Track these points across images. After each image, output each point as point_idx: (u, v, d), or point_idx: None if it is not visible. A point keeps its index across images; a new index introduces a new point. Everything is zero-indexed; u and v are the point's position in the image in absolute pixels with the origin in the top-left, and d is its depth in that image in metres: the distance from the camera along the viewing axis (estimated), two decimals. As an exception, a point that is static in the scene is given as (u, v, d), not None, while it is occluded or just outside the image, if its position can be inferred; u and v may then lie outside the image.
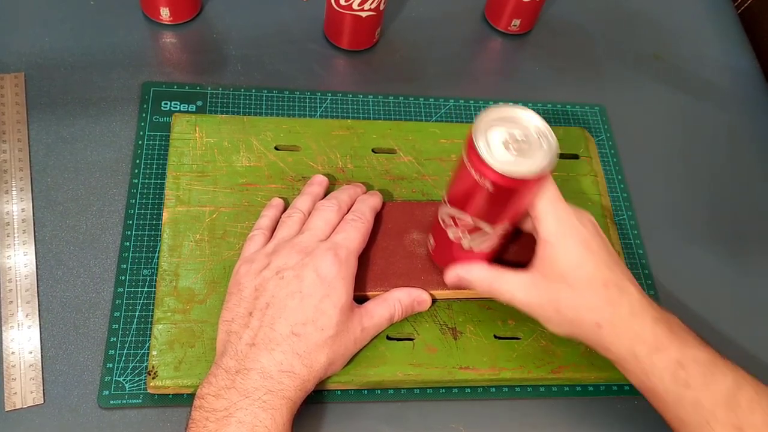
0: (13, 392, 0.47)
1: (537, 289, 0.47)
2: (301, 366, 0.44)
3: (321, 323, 0.46)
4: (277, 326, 0.45)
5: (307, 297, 0.46)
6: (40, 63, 0.62)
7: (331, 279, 0.47)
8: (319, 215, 0.51)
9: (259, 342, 0.44)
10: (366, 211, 0.52)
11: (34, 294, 0.51)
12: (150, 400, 0.48)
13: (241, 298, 0.47)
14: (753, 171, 0.70)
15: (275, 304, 0.46)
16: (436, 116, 0.66)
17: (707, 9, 0.82)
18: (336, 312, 0.46)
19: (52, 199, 0.55)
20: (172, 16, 0.66)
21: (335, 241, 0.49)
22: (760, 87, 0.76)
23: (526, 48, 0.73)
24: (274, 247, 0.49)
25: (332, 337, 0.46)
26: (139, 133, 0.59)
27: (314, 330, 0.45)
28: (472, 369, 0.51)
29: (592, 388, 0.54)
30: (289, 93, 0.65)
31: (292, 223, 0.51)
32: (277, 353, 0.44)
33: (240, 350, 0.44)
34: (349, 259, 0.48)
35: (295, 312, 0.45)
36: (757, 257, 0.64)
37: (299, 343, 0.45)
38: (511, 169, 0.41)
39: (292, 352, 0.44)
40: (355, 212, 0.52)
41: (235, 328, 0.46)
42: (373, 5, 0.63)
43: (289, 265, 0.47)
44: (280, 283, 0.46)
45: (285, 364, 0.44)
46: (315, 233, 0.50)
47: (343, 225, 0.50)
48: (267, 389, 0.43)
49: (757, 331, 0.59)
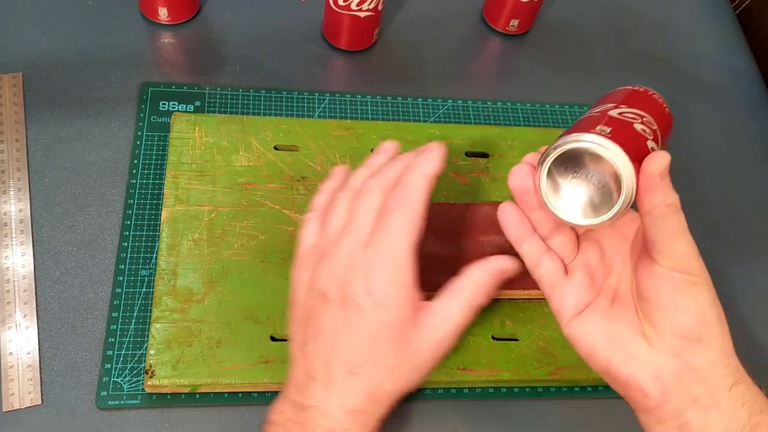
0: (10, 393, 0.47)
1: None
2: (364, 402, 0.40)
3: (380, 358, 0.40)
4: (333, 366, 0.40)
5: (358, 333, 0.39)
6: (38, 63, 0.62)
7: (379, 301, 0.39)
8: (359, 205, 0.42)
9: (318, 376, 0.40)
10: (414, 188, 0.41)
11: (32, 294, 0.51)
12: (148, 401, 0.48)
13: (295, 318, 0.43)
14: (751, 171, 0.70)
15: (325, 340, 0.40)
16: (435, 116, 0.66)
17: (705, 10, 0.82)
18: (395, 338, 0.39)
19: (50, 199, 0.55)
20: (170, 16, 0.66)
21: (376, 248, 0.40)
22: (757, 87, 0.76)
23: (524, 48, 0.73)
24: (320, 254, 0.42)
25: (394, 366, 0.40)
26: (137, 134, 0.59)
27: (373, 367, 0.40)
28: (470, 370, 0.51)
29: (591, 389, 0.54)
30: (287, 93, 0.65)
31: (340, 212, 0.43)
32: (336, 393, 0.40)
33: (301, 382, 0.41)
34: (397, 265, 0.40)
35: (347, 350, 0.40)
36: (756, 257, 0.64)
37: (359, 382, 0.40)
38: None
39: (354, 391, 0.40)
40: (400, 191, 0.41)
41: (296, 353, 0.42)
42: (372, 5, 0.63)
43: (331, 288, 0.40)
44: (328, 310, 0.40)
45: (348, 405, 0.39)
46: (356, 232, 0.41)
47: (385, 216, 0.41)
48: (329, 428, 0.39)
49: (757, 331, 0.59)
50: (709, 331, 0.37)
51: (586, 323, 0.41)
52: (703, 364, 0.37)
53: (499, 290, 0.52)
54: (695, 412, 0.37)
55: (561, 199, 0.38)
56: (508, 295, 0.54)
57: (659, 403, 0.38)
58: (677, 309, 0.37)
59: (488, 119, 0.66)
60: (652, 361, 0.38)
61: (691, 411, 0.37)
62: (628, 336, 0.39)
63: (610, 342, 0.39)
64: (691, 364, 0.37)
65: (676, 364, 0.37)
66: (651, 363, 0.38)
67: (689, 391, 0.37)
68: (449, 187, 0.59)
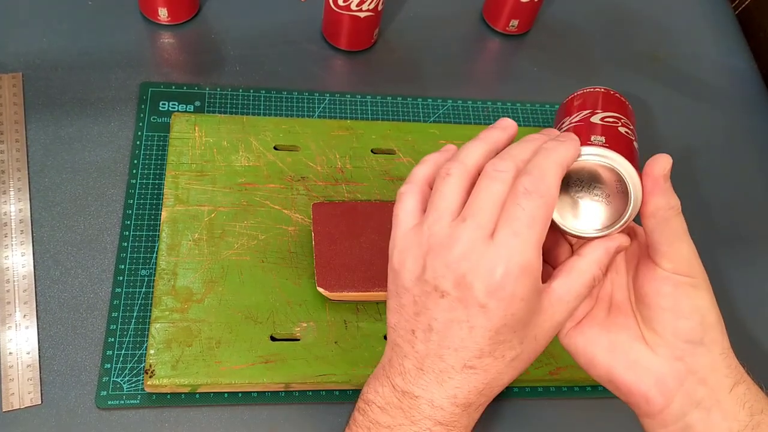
0: (10, 393, 0.47)
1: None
2: (478, 396, 0.37)
3: (500, 352, 0.36)
4: (447, 358, 0.37)
5: (477, 328, 0.36)
6: (37, 63, 0.62)
7: (505, 300, 0.35)
8: (486, 189, 0.36)
9: (428, 369, 0.37)
10: (548, 175, 0.35)
11: (31, 294, 0.51)
12: (148, 401, 0.48)
13: (401, 305, 0.38)
14: (750, 171, 0.70)
15: (439, 330, 0.36)
16: (435, 117, 0.66)
17: (705, 10, 0.82)
18: (518, 333, 0.36)
19: (50, 199, 0.55)
20: (170, 17, 0.66)
21: (505, 243, 0.35)
22: (757, 87, 0.76)
23: (524, 48, 0.74)
24: (430, 240, 0.37)
25: (516, 357, 0.37)
26: (137, 134, 0.59)
27: (493, 360, 0.37)
28: (470, 369, 0.51)
29: (591, 389, 0.54)
30: (287, 93, 0.65)
31: (451, 189, 0.37)
32: (448, 386, 0.37)
33: (407, 369, 0.38)
34: (528, 267, 0.35)
35: (464, 344, 0.36)
36: (755, 257, 0.64)
37: (476, 376, 0.37)
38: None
39: (468, 386, 0.37)
40: (531, 177, 0.35)
41: (399, 340, 0.39)
42: (371, 6, 0.63)
43: (448, 279, 0.36)
44: (441, 303, 0.36)
45: (460, 398, 0.37)
46: (479, 223, 0.35)
47: (513, 207, 0.35)
48: (436, 420, 0.37)
49: (757, 331, 0.59)
50: (710, 334, 0.37)
51: (585, 334, 0.40)
52: (705, 367, 0.37)
53: None
54: (698, 414, 0.37)
55: (569, 215, 0.38)
56: None
57: (662, 408, 0.38)
58: (679, 312, 0.37)
59: (488, 119, 0.67)
60: (653, 366, 0.38)
61: (693, 413, 0.37)
62: (629, 343, 0.39)
63: (610, 351, 0.39)
64: (692, 367, 0.37)
65: (678, 367, 0.37)
66: (653, 369, 0.38)
67: (691, 394, 0.37)
68: (449, 187, 0.59)
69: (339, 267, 0.52)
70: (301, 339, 0.51)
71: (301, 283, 0.53)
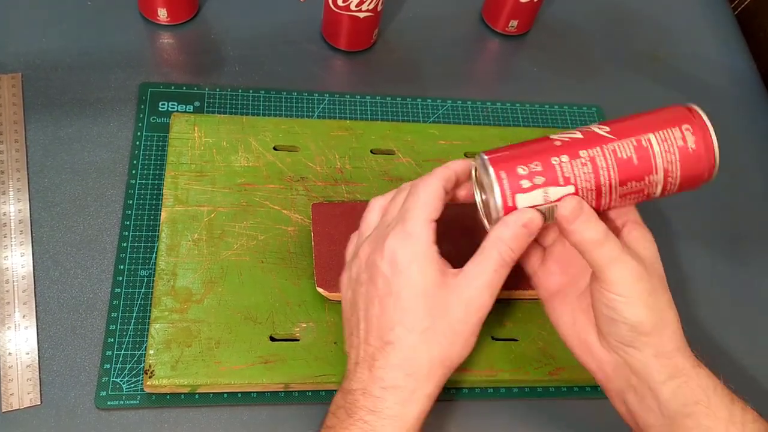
0: (10, 393, 0.47)
1: (646, 280, 0.41)
2: (404, 376, 0.40)
3: (408, 322, 0.41)
4: (371, 339, 0.41)
5: (385, 298, 0.41)
6: (37, 63, 0.62)
7: (402, 266, 0.41)
8: (394, 199, 0.45)
9: (361, 360, 0.42)
10: (438, 170, 0.44)
11: (31, 295, 0.51)
12: (147, 401, 0.48)
13: (345, 317, 0.46)
14: (750, 171, 0.70)
15: (364, 318, 0.42)
16: (434, 117, 0.66)
17: (704, 10, 0.82)
18: (420, 301, 0.41)
19: (50, 199, 0.55)
20: (169, 17, 0.66)
21: (397, 218, 0.43)
22: (756, 88, 0.76)
23: (523, 49, 0.74)
24: (354, 249, 0.46)
25: (428, 329, 0.41)
26: (136, 134, 0.59)
27: (404, 332, 0.41)
28: (469, 370, 0.51)
29: (590, 390, 0.54)
30: (286, 94, 0.65)
31: (374, 215, 0.47)
32: (376, 369, 0.41)
33: (350, 370, 0.43)
34: (414, 232, 0.41)
35: (379, 319, 0.41)
36: (755, 257, 0.64)
37: (394, 351, 0.41)
38: None
39: (390, 365, 0.41)
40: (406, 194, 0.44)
41: (347, 347, 0.45)
42: (371, 6, 0.63)
43: (362, 268, 0.43)
44: (360, 291, 0.43)
45: (387, 380, 0.40)
46: (382, 227, 0.44)
47: (403, 205, 0.43)
48: (369, 409, 0.40)
49: (757, 332, 0.59)
50: (642, 339, 0.41)
51: (556, 309, 0.46)
52: (636, 363, 0.42)
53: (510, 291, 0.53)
54: (633, 396, 0.42)
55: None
56: (507, 296, 0.54)
57: (604, 384, 0.45)
58: (611, 321, 0.42)
59: (488, 119, 0.67)
60: (597, 352, 0.44)
61: (629, 394, 0.43)
62: (585, 327, 0.45)
63: (571, 327, 0.45)
64: (626, 360, 0.42)
65: (615, 358, 0.43)
66: (597, 353, 0.44)
67: (626, 379, 0.42)
68: (448, 188, 0.59)
69: (338, 267, 0.52)
70: (301, 339, 0.51)
71: (300, 283, 0.53)
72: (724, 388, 0.42)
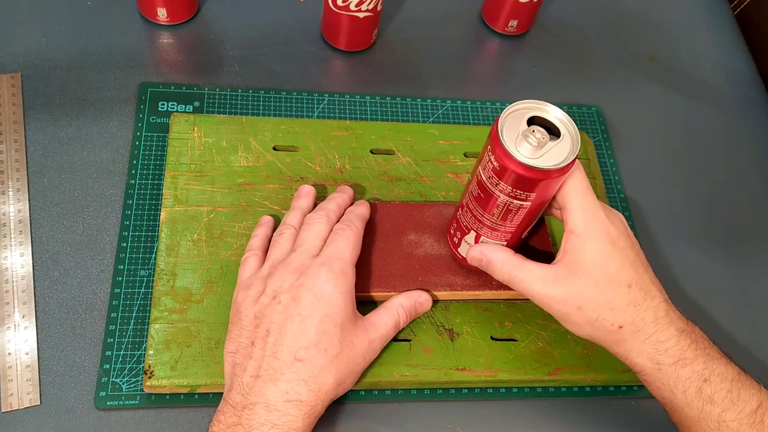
0: (9, 393, 0.47)
1: (559, 283, 0.44)
2: (308, 392, 0.43)
3: (324, 344, 0.44)
4: (280, 354, 0.43)
5: (307, 319, 0.44)
6: (36, 63, 0.62)
7: (328, 295, 0.45)
8: (308, 229, 0.50)
9: (264, 373, 0.43)
10: (355, 220, 0.51)
11: (30, 295, 0.51)
12: (147, 401, 0.48)
13: (242, 327, 0.46)
14: (750, 171, 0.70)
15: (275, 331, 0.44)
16: (434, 117, 0.66)
17: (704, 10, 0.82)
18: (338, 330, 0.45)
19: (49, 199, 0.55)
20: (169, 17, 0.66)
21: (328, 254, 0.47)
22: (756, 88, 0.76)
23: (523, 49, 0.74)
24: (269, 270, 0.48)
25: (337, 356, 0.45)
26: (136, 134, 0.59)
27: (318, 352, 0.44)
28: (468, 370, 0.51)
29: (589, 390, 0.54)
30: (286, 93, 0.65)
31: (284, 241, 0.50)
32: (281, 383, 0.43)
33: (245, 383, 0.43)
34: (344, 271, 0.47)
35: (296, 336, 0.44)
36: (755, 257, 0.64)
37: (304, 368, 0.43)
38: (535, 161, 0.42)
39: (298, 379, 0.43)
40: (344, 221, 0.50)
41: (239, 359, 0.45)
42: (370, 6, 0.63)
43: (284, 287, 0.46)
44: (278, 307, 0.45)
45: (291, 393, 0.43)
46: (306, 249, 0.48)
47: (333, 236, 0.49)
48: (273, 423, 0.41)
49: (756, 332, 0.59)
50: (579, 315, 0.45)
51: None
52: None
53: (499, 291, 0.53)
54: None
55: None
56: (507, 296, 0.54)
57: None
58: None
59: (487, 119, 0.67)
60: None
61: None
62: None
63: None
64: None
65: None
66: None
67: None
68: (448, 187, 0.59)
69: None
70: (300, 339, 0.51)
71: (300, 283, 0.53)
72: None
